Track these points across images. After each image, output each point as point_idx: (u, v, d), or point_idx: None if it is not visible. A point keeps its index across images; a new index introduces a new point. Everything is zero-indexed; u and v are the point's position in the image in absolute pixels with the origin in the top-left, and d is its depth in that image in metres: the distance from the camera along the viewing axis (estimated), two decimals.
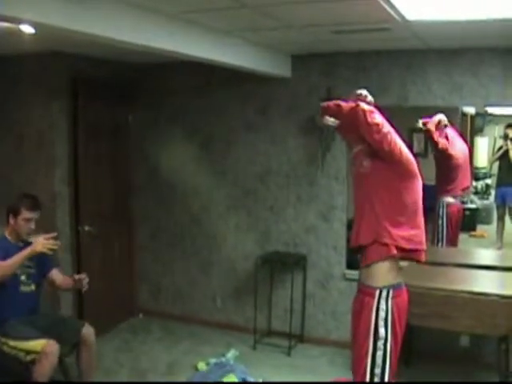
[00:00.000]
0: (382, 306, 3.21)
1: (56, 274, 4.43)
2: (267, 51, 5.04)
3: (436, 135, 5.41)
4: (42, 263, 4.31)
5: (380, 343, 3.20)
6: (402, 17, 3.64)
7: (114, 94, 6.08)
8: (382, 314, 3.20)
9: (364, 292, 3.31)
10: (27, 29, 3.50)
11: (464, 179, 5.79)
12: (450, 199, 5.71)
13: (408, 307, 3.34)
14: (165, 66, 5.82)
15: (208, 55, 4.25)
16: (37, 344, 3.82)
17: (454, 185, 5.70)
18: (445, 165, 5.63)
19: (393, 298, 3.22)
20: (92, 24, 3.10)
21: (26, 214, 4.12)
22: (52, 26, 2.89)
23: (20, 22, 2.98)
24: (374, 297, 3.23)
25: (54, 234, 3.99)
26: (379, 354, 3.20)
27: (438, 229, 5.66)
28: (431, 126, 5.38)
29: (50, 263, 4.43)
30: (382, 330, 3.19)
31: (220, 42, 4.36)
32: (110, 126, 6.02)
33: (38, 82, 5.30)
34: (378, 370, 3.21)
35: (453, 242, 5.75)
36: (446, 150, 5.49)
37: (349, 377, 4.56)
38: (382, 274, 3.24)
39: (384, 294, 3.22)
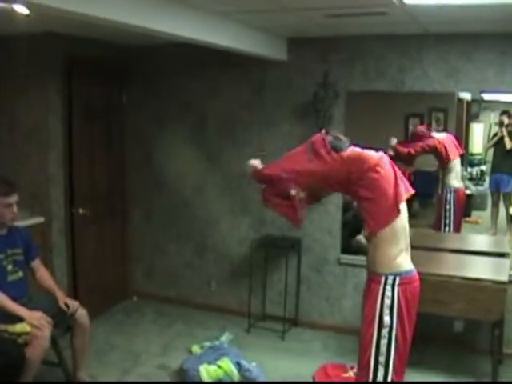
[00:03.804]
0: (388, 293, 3.18)
1: (38, 265, 4.39)
2: (263, 34, 5.00)
3: (403, 149, 5.47)
4: (28, 249, 4.29)
5: (385, 331, 3.18)
6: (400, 0, 3.61)
7: (108, 76, 6.05)
8: (387, 301, 3.18)
9: (370, 278, 3.30)
10: (21, 9, 3.46)
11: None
12: (456, 184, 5.74)
13: (419, 295, 3.31)
14: (160, 47, 5.76)
15: (203, 37, 4.21)
16: (24, 325, 3.79)
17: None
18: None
19: (399, 285, 3.19)
20: (86, 4, 3.05)
21: (2, 200, 4.04)
22: (46, 5, 2.84)
23: (14, 1, 2.94)
24: (379, 283, 3.21)
25: (51, 322, 3.90)
26: (383, 342, 3.18)
27: (444, 214, 5.67)
28: (395, 151, 5.40)
29: (35, 251, 4.41)
30: (386, 318, 3.17)
31: (215, 24, 4.32)
32: (104, 108, 5.98)
33: (32, 64, 5.24)
34: (382, 358, 3.19)
35: (458, 227, 5.78)
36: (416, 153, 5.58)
37: (341, 361, 4.60)
38: (388, 259, 3.22)
39: (390, 280, 3.19)
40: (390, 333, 3.18)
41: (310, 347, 5.31)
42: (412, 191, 3.29)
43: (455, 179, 5.81)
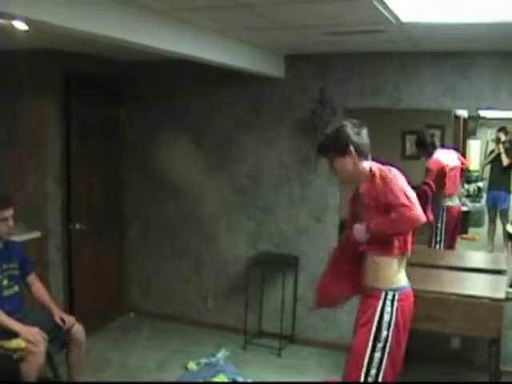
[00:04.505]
0: (388, 308, 3.23)
1: (33, 279, 4.39)
2: (260, 51, 5.03)
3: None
4: (23, 264, 4.29)
5: (380, 345, 3.20)
6: (397, 18, 3.64)
7: (106, 92, 6.06)
8: (386, 316, 3.21)
9: (369, 294, 3.33)
10: (20, 25, 3.47)
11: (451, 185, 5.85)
12: (449, 202, 5.76)
13: (413, 311, 3.35)
14: (157, 64, 5.79)
15: (201, 54, 4.22)
16: (20, 341, 3.78)
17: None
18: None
19: (398, 300, 3.24)
20: (84, 21, 3.06)
21: None
22: (45, 22, 2.86)
23: (13, 17, 2.95)
24: (379, 299, 3.25)
25: (46, 338, 3.90)
26: (377, 355, 3.20)
27: (435, 231, 5.69)
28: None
29: (30, 266, 4.41)
30: (384, 333, 3.20)
31: (212, 41, 4.33)
32: (102, 124, 5.99)
33: (31, 79, 5.27)
34: (373, 372, 3.21)
35: (450, 244, 5.78)
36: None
37: (338, 378, 4.57)
38: (390, 276, 3.27)
39: (390, 296, 3.24)
40: (384, 347, 3.20)
41: (307, 364, 5.29)
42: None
43: (448, 198, 5.82)
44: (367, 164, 3.30)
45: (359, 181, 3.33)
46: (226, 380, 4.61)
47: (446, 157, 5.80)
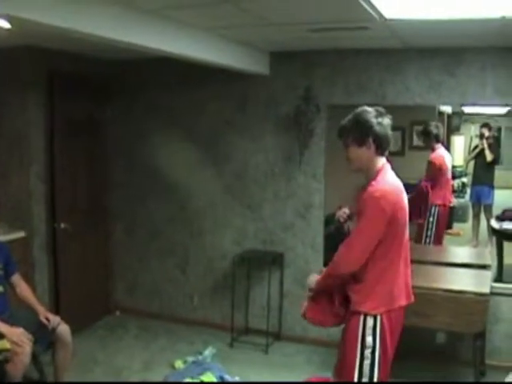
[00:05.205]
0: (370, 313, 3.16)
1: (18, 280, 4.36)
2: (245, 48, 5.02)
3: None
4: (7, 264, 4.26)
5: (367, 352, 3.14)
6: (381, 15, 3.65)
7: (90, 90, 6.02)
8: (369, 321, 3.14)
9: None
10: (2, 23, 3.44)
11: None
12: (441, 199, 5.81)
13: (403, 319, 3.31)
14: (142, 62, 5.77)
15: (185, 52, 4.21)
16: (4, 342, 3.75)
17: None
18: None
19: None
20: (68, 19, 3.04)
21: None
22: (28, 19, 2.84)
23: None
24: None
25: (31, 339, 3.86)
26: (366, 362, 3.14)
27: (427, 226, 5.72)
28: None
29: (15, 266, 4.37)
30: (369, 339, 3.13)
31: (197, 39, 4.32)
32: (87, 122, 5.95)
33: (14, 77, 5.21)
34: (365, 379, 3.15)
35: (439, 240, 5.82)
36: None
37: (325, 375, 4.59)
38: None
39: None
40: (372, 353, 3.14)
41: (294, 361, 5.30)
42: None
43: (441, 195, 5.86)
44: (380, 163, 3.18)
45: (366, 177, 3.19)
46: (213, 378, 4.60)
47: (446, 155, 5.87)
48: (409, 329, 3.53)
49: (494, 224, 6.10)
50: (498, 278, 5.53)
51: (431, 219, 5.72)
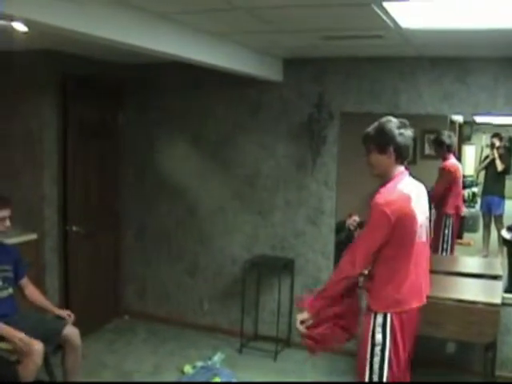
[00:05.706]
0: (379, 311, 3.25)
1: (26, 282, 4.38)
2: (259, 55, 5.04)
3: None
4: (17, 266, 4.28)
5: (377, 349, 3.21)
6: (396, 24, 3.65)
7: (104, 94, 6.05)
8: (379, 318, 3.23)
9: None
10: (20, 27, 3.47)
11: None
12: (451, 210, 5.79)
13: (418, 318, 3.38)
14: (155, 66, 5.78)
15: (199, 57, 4.23)
16: (4, 344, 3.77)
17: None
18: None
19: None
20: (82, 23, 3.06)
21: None
22: (44, 23, 2.86)
23: (12, 19, 2.95)
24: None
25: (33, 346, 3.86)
26: (376, 359, 3.22)
27: (443, 238, 5.71)
28: None
29: (24, 269, 4.40)
30: (378, 336, 3.21)
31: (211, 45, 4.34)
32: (99, 125, 5.98)
33: (29, 80, 5.25)
34: (375, 377, 3.22)
35: (452, 249, 5.81)
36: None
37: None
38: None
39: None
40: (382, 351, 3.21)
41: (303, 368, 5.28)
42: None
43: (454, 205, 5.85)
44: (397, 171, 3.28)
45: (382, 183, 3.29)
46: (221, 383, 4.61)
47: (458, 165, 5.87)
48: (419, 338, 3.53)
49: (505, 234, 6.07)
50: (509, 288, 5.49)
51: (446, 231, 5.70)
